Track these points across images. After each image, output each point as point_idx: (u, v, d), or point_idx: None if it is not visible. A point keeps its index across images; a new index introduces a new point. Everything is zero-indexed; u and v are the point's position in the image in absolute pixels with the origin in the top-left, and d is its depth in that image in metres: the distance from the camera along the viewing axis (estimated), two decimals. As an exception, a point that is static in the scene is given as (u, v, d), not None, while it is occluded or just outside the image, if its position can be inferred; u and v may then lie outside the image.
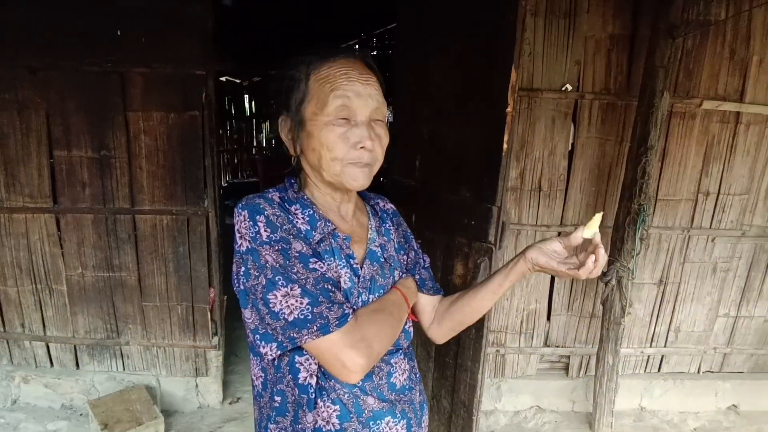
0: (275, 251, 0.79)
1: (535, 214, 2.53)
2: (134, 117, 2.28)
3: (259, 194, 0.87)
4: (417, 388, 1.00)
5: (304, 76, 0.85)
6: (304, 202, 0.90)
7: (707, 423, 2.76)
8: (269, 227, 0.81)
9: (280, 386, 0.87)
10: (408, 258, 1.05)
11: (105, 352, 2.58)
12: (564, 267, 0.87)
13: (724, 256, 2.69)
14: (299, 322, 0.77)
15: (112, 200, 2.37)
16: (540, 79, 2.36)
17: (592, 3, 2.31)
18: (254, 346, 0.87)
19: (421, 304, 1.07)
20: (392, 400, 0.92)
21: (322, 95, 0.83)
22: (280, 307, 0.78)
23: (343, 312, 0.79)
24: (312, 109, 0.84)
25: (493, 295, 0.98)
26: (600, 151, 2.48)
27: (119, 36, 2.18)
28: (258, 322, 0.82)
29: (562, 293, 2.67)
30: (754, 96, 2.47)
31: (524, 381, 2.75)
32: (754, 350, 2.87)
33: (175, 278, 2.47)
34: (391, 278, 0.96)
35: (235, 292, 0.86)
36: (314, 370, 0.85)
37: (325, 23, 5.37)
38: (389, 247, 1.00)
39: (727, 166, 2.56)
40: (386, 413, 0.90)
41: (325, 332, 0.77)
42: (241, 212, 0.83)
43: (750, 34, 2.39)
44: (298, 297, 0.78)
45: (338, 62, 0.85)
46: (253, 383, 0.94)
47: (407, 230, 1.09)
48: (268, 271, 0.79)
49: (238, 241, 0.83)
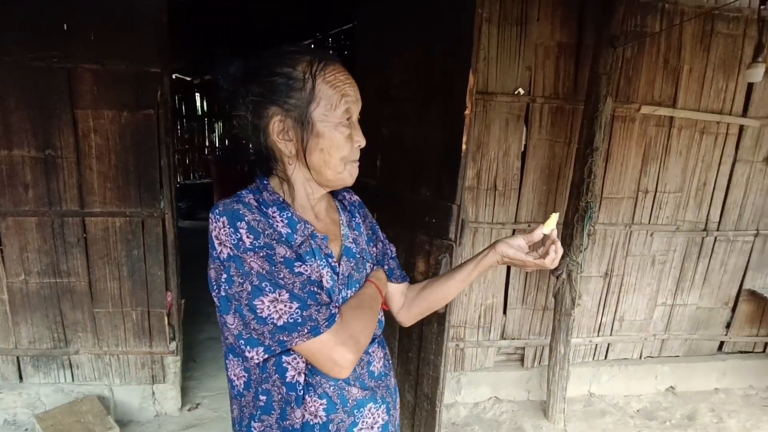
0: (260, 257, 0.79)
1: (491, 212, 2.64)
2: (83, 115, 2.18)
3: (235, 199, 0.86)
4: (391, 373, 1.05)
5: (309, 76, 0.84)
6: (280, 204, 0.89)
7: (648, 405, 2.98)
8: (252, 233, 0.81)
9: (266, 386, 0.88)
10: (376, 249, 1.09)
11: (52, 362, 2.44)
12: (531, 257, 0.96)
13: (661, 249, 2.91)
14: (289, 326, 0.79)
15: (59, 202, 2.25)
16: (494, 83, 2.47)
17: (542, 12, 2.44)
18: (235, 350, 0.88)
19: (390, 293, 1.12)
20: (372, 387, 0.96)
21: (333, 99, 0.85)
22: (268, 313, 0.79)
23: (331, 312, 0.82)
24: (322, 111, 0.85)
25: (462, 284, 1.05)
26: (550, 152, 2.62)
27: (66, 30, 2.08)
28: (242, 328, 0.81)
29: (517, 288, 2.79)
30: (685, 102, 2.70)
31: (483, 373, 2.86)
32: (688, 335, 3.12)
33: (130, 283, 2.38)
34: (364, 271, 1.00)
35: (213, 299, 0.85)
36: (302, 368, 0.86)
37: (279, 22, 5.31)
38: (361, 240, 1.02)
39: (662, 166, 2.77)
40: (368, 400, 0.94)
41: (316, 334, 0.79)
42: (219, 218, 0.81)
43: (681, 45, 2.61)
44: (287, 302, 0.79)
45: (337, 66, 0.87)
46: (231, 383, 0.93)
47: (373, 221, 1.13)
48: (254, 277, 0.79)
49: (217, 248, 0.82)
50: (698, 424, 2.79)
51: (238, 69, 0.86)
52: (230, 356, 0.92)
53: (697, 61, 2.65)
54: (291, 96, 0.84)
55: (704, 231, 2.92)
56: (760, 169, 2.89)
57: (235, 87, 0.86)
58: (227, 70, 0.86)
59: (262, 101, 0.85)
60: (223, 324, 0.86)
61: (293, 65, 0.84)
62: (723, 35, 2.64)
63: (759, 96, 2.77)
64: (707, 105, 2.73)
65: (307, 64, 0.84)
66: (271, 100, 0.84)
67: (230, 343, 0.89)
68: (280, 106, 0.84)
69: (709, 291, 3.06)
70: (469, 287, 2.70)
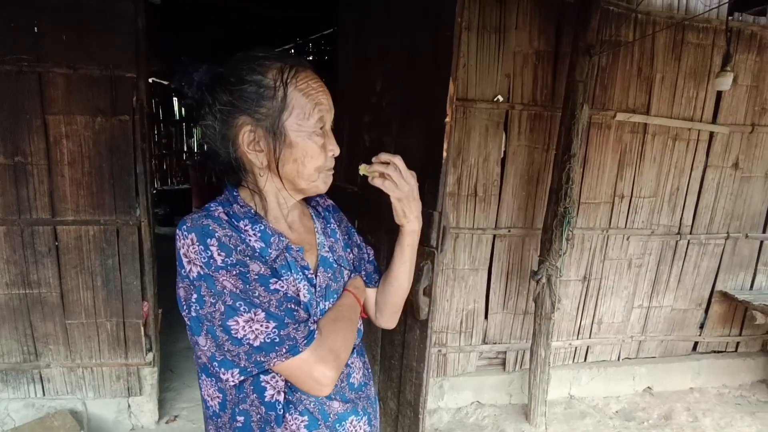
0: (233, 276, 0.76)
1: (472, 217, 2.66)
2: (55, 121, 2.12)
3: (203, 213, 0.82)
4: (370, 382, 1.03)
5: (280, 84, 0.80)
6: (252, 217, 0.86)
7: (627, 405, 3.03)
8: (223, 251, 0.77)
9: (243, 406, 0.84)
10: (353, 254, 1.05)
11: (21, 376, 2.35)
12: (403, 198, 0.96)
13: (637, 252, 2.98)
14: (266, 346, 0.75)
15: (28, 210, 2.17)
16: (474, 90, 2.50)
17: (520, 20, 2.48)
18: (208, 369, 0.84)
19: (369, 299, 1.07)
20: (353, 399, 0.95)
21: (306, 107, 0.82)
22: (243, 333, 0.75)
23: (309, 329, 0.80)
24: (295, 120, 0.82)
25: (402, 264, 1.01)
26: (529, 158, 2.66)
27: (37, 33, 2.02)
28: (215, 349, 0.77)
29: (498, 293, 2.81)
30: (658, 109, 2.77)
31: (465, 378, 2.87)
32: (664, 336, 3.19)
33: (104, 293, 2.31)
34: (342, 280, 0.97)
35: (184, 318, 0.81)
36: (281, 386, 0.84)
37: (258, 25, 5.28)
38: (337, 247, 0.99)
39: (638, 171, 2.84)
40: (350, 413, 0.93)
41: (294, 353, 0.76)
42: (187, 235, 0.77)
43: (654, 54, 2.69)
44: (263, 321, 0.75)
45: (309, 73, 0.84)
46: (206, 404, 0.89)
47: (349, 225, 1.10)
48: (227, 297, 0.75)
49: (185, 266, 0.77)
50: (674, 423, 2.85)
51: (203, 76, 0.81)
52: (203, 376, 0.88)
53: (669, 70, 2.73)
54: (262, 105, 0.80)
55: (678, 234, 3.00)
56: (729, 174, 2.99)
57: (201, 95, 0.82)
58: (192, 78, 0.81)
59: (231, 110, 0.81)
60: (195, 343, 0.81)
61: (263, 72, 0.80)
62: (693, 45, 2.73)
63: (728, 104, 2.87)
64: (679, 112, 2.81)
65: (277, 71, 0.81)
66: (241, 109, 0.81)
67: (203, 363, 0.85)
68: (251, 115, 0.81)
69: (683, 293, 3.14)
70: (450, 293, 2.71)
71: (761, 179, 3.05)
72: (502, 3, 2.44)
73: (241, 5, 4.43)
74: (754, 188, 3.06)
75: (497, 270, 2.77)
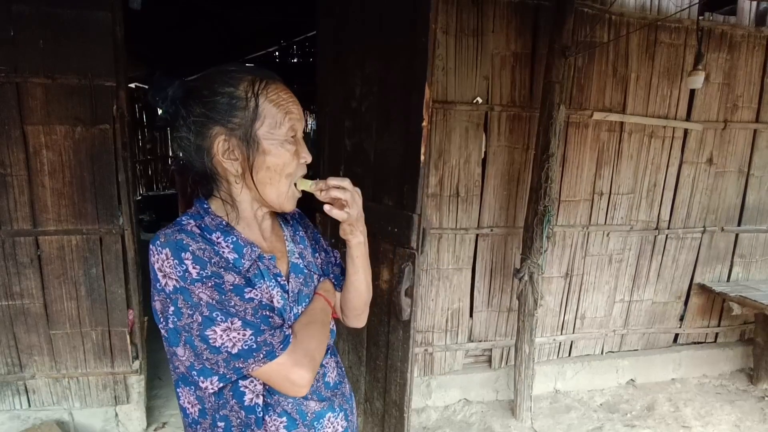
0: (209, 288, 0.78)
1: (455, 218, 2.70)
2: (34, 131, 2.11)
3: (176, 227, 0.84)
4: (345, 380, 1.07)
5: (251, 95, 0.84)
6: (224, 228, 0.88)
7: (610, 398, 3.10)
8: (198, 264, 0.79)
9: (223, 412, 0.87)
10: (321, 259, 1.08)
11: (6, 389, 2.33)
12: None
13: (617, 248, 3.04)
14: (244, 353, 0.78)
15: (9, 222, 2.16)
16: (453, 92, 2.53)
17: (497, 24, 2.52)
18: (186, 378, 0.87)
19: (338, 301, 1.10)
20: (329, 397, 0.98)
21: (277, 117, 0.86)
22: (221, 342, 0.78)
23: (285, 335, 0.83)
24: (267, 129, 0.85)
25: (355, 273, 1.03)
26: (509, 158, 2.71)
27: (13, 43, 2.02)
28: (194, 359, 0.80)
29: (482, 291, 2.86)
30: (634, 108, 2.84)
31: (452, 376, 2.91)
32: (645, 329, 3.27)
33: (88, 302, 2.31)
34: (313, 285, 1.00)
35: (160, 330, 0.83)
36: (260, 390, 0.86)
37: (241, 29, 5.27)
38: (306, 253, 1.03)
39: (615, 169, 2.91)
40: (326, 411, 0.96)
41: (271, 357, 0.80)
42: (161, 250, 0.79)
43: (628, 54, 2.75)
44: (240, 329, 0.78)
45: (279, 84, 0.88)
46: (185, 412, 0.91)
47: (315, 231, 1.13)
48: (204, 308, 0.78)
49: (161, 280, 0.79)
50: (657, 414, 2.92)
51: (177, 90, 0.84)
52: (181, 385, 0.90)
53: (643, 69, 2.80)
54: (234, 115, 0.83)
55: (656, 230, 3.08)
56: (704, 170, 3.07)
57: (175, 108, 0.85)
58: (165, 93, 0.84)
59: (205, 121, 0.84)
60: (173, 354, 0.84)
61: (235, 85, 0.84)
62: (666, 44, 2.80)
63: (700, 101, 2.94)
64: (654, 110, 2.88)
65: (248, 83, 0.84)
66: (214, 120, 0.84)
67: (181, 372, 0.87)
68: (224, 125, 0.84)
69: (663, 286, 3.21)
70: (435, 293, 2.75)
71: (735, 174, 3.14)
72: (479, 7, 2.48)
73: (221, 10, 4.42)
74: (728, 183, 3.14)
75: (481, 269, 2.81)
